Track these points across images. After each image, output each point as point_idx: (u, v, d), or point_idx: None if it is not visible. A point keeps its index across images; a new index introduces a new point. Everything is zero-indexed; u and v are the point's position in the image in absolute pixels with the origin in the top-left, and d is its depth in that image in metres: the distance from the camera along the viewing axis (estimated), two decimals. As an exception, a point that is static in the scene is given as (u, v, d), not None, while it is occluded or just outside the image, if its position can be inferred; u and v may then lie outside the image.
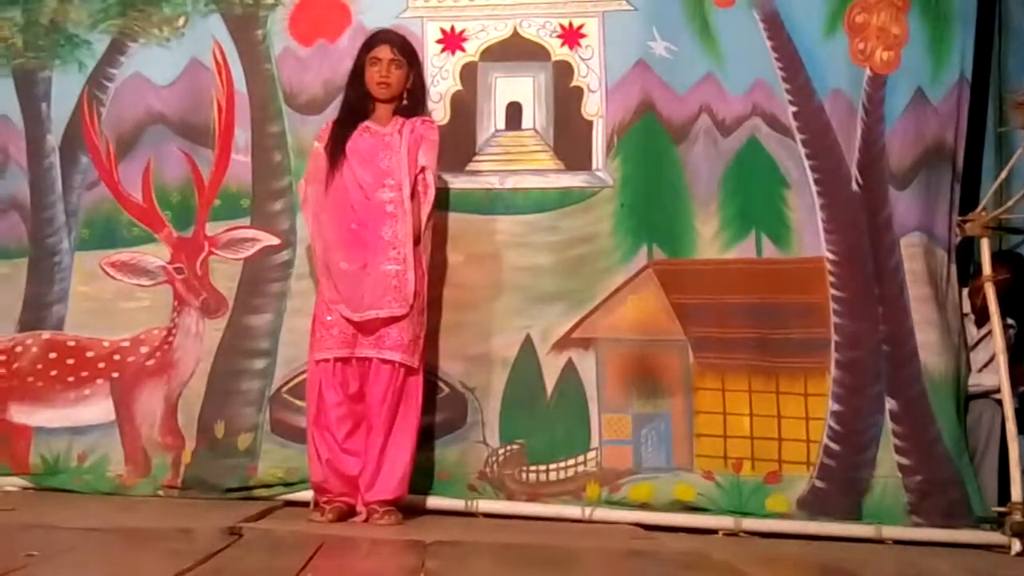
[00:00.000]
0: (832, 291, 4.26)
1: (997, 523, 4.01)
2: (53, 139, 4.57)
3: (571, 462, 4.23)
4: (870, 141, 4.33)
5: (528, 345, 4.31)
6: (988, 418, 4.31)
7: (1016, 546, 3.90)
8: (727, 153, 4.37)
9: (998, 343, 4.12)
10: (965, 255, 4.44)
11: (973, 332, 4.51)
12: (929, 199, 4.33)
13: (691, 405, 4.24)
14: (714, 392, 4.25)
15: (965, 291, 4.46)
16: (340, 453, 3.86)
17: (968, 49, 4.37)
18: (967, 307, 4.48)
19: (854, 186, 4.32)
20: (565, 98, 4.44)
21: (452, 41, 4.49)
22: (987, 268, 4.21)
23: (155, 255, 4.44)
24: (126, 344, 4.40)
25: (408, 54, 4.04)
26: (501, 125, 4.46)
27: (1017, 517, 3.91)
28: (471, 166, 4.43)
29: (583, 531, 3.98)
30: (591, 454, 4.24)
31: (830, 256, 4.28)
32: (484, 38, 4.49)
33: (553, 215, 4.37)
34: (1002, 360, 4.10)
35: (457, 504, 4.17)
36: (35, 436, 4.36)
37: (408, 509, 3.94)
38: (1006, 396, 4.06)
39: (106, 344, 4.41)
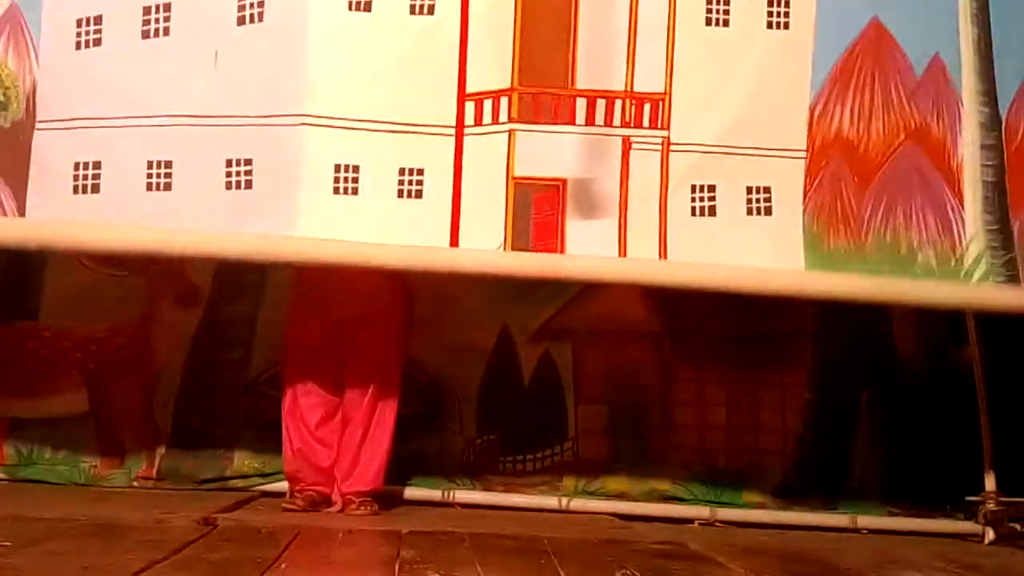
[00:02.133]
0: (809, 282, 4.28)
1: (971, 512, 4.04)
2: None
3: (548, 453, 4.24)
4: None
5: (505, 336, 4.31)
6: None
7: (989, 535, 3.93)
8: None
9: (972, 335, 4.14)
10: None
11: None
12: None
13: (668, 395, 4.25)
14: (690, 383, 4.26)
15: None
16: (312, 443, 3.86)
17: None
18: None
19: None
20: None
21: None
22: (962, 259, 4.22)
23: (131, 245, 4.40)
24: (101, 334, 4.36)
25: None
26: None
27: (990, 506, 3.94)
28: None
29: (559, 521, 3.97)
30: (567, 445, 4.25)
31: (807, 247, 4.30)
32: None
33: (530, 205, 4.37)
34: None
35: (434, 495, 4.17)
36: (9, 427, 4.32)
37: (385, 500, 3.94)
38: (980, 391, 4.09)
39: (81, 334, 4.37)
